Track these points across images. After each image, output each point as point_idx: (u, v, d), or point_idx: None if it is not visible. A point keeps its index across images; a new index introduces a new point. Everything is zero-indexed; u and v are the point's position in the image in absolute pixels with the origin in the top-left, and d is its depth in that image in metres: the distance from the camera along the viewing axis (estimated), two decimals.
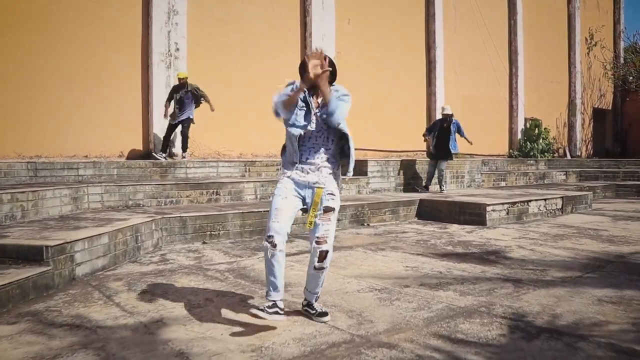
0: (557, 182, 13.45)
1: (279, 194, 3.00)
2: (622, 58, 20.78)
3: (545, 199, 8.20)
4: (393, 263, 4.67)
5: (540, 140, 16.45)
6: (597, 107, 20.32)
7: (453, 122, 9.47)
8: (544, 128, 16.74)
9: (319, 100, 3.03)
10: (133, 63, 9.36)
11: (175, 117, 8.97)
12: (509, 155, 16.43)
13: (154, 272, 4.28)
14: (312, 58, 2.91)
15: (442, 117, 9.64)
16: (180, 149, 9.27)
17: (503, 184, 12.05)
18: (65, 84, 8.57)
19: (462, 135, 9.52)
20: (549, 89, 18.09)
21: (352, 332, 2.86)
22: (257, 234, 6.02)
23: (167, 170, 8.22)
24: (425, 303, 3.40)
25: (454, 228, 6.90)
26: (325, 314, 3.05)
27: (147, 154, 9.44)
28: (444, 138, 9.39)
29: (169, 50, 9.51)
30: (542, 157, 16.10)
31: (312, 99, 3.03)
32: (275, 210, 2.93)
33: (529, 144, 16.34)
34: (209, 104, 9.05)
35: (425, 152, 10.29)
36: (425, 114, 14.31)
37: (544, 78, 17.78)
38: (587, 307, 3.32)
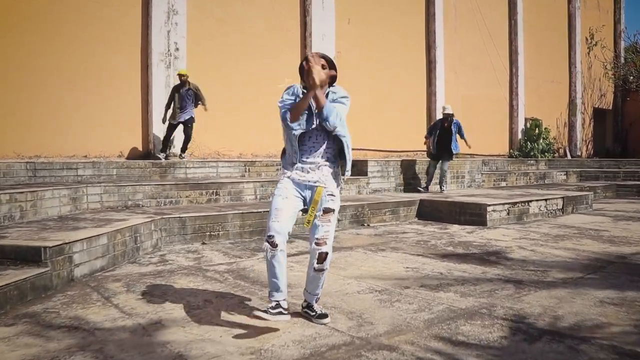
0: (557, 182, 13.43)
1: (280, 194, 2.97)
2: (622, 58, 20.77)
3: (546, 199, 8.18)
4: (393, 264, 4.65)
5: (541, 140, 16.44)
6: (597, 107, 20.31)
7: (454, 122, 9.45)
8: (545, 128, 16.73)
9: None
10: (133, 63, 9.34)
11: (176, 116, 8.91)
12: (510, 155, 16.42)
13: (153, 273, 4.26)
14: (315, 63, 2.88)
15: (442, 116, 9.63)
16: (180, 150, 9.21)
17: (503, 184, 12.03)
18: (65, 84, 8.56)
19: (462, 137, 9.50)
20: (550, 89, 18.07)
21: (352, 334, 2.84)
22: (256, 235, 6.00)
23: (166, 171, 8.20)
24: (426, 304, 3.38)
25: (455, 228, 6.88)
26: (325, 316, 3.03)
27: (146, 154, 9.42)
28: (445, 138, 9.38)
29: (169, 50, 9.49)
30: (542, 157, 16.08)
31: (312, 100, 3.01)
32: (276, 210, 2.91)
33: (530, 144, 16.32)
34: (204, 106, 9.04)
35: (426, 152, 10.27)
36: (426, 114, 14.30)
37: (545, 78, 17.76)
38: (588, 308, 3.30)
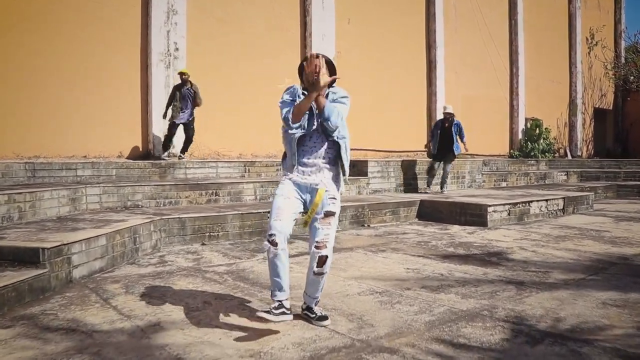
0: (558, 182, 13.41)
1: (281, 194, 2.96)
2: (623, 58, 20.76)
3: (547, 200, 8.16)
4: (394, 265, 4.63)
5: (541, 141, 16.42)
6: (598, 107, 20.29)
7: (455, 122, 9.42)
8: (545, 128, 16.70)
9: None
10: (132, 63, 9.32)
11: (177, 116, 8.87)
12: (510, 156, 16.39)
13: (152, 274, 4.23)
14: (320, 67, 2.86)
15: (443, 116, 9.60)
16: (180, 150, 9.17)
17: (504, 185, 12.01)
18: (65, 84, 8.54)
19: (461, 139, 9.47)
20: (550, 89, 18.05)
21: (352, 336, 2.82)
22: (256, 235, 5.97)
23: (166, 171, 8.18)
24: (427, 306, 3.35)
25: (455, 229, 6.85)
26: (325, 318, 3.01)
27: (146, 154, 9.40)
28: (446, 139, 9.35)
29: (169, 50, 9.47)
30: (542, 157, 16.05)
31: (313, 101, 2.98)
32: (277, 209, 2.89)
33: (530, 144, 16.30)
34: (198, 105, 9.01)
35: (426, 152, 10.25)
36: (426, 114, 14.28)
37: (545, 78, 17.74)
38: (591, 310, 3.27)
